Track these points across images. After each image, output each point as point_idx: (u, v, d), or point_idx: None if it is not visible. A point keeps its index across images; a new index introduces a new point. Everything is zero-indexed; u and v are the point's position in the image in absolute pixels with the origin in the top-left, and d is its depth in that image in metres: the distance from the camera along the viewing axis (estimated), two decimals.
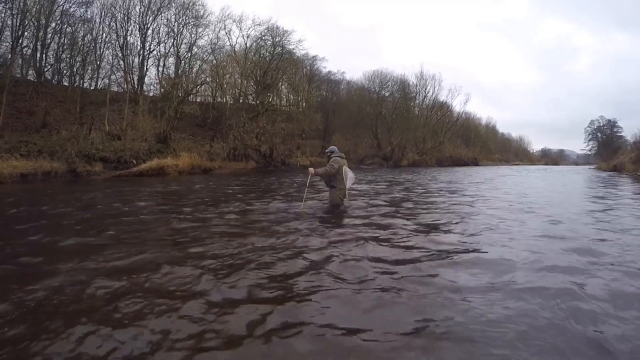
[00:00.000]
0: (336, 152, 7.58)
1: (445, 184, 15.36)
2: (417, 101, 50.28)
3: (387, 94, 46.24)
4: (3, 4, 20.40)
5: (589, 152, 67.89)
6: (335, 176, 7.34)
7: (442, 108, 52.02)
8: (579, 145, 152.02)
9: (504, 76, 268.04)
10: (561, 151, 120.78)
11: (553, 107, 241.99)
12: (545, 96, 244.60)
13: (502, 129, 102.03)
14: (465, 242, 4.82)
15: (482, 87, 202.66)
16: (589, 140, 64.00)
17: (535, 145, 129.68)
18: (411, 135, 45.32)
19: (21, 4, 20.67)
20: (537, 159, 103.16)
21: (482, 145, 71.89)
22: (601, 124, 62.15)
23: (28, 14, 21.07)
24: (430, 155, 47.50)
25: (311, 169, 7.38)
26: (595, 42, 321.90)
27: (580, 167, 53.03)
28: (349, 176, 7.39)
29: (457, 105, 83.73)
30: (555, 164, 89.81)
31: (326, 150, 7.90)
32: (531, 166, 63.46)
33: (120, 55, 24.63)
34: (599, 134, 62.19)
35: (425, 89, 49.68)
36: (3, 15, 20.61)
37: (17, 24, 20.90)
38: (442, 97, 52.31)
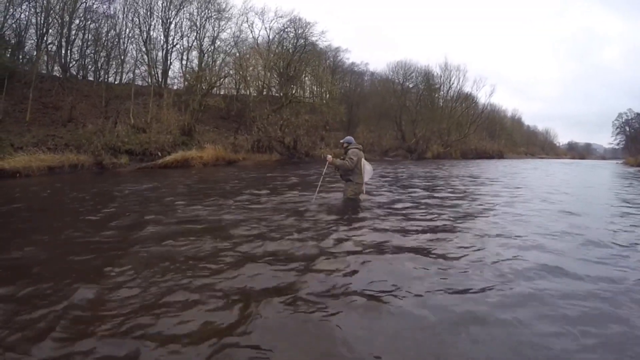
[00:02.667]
0: (353, 143, 6.92)
1: (471, 180, 14.28)
2: (442, 92, 48.59)
3: (411, 85, 44.97)
4: (27, 3, 20.67)
5: (617, 147, 64.72)
6: (352, 169, 6.69)
7: (467, 100, 50.21)
8: (607, 139, 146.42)
9: (530, 67, 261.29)
10: (588, 145, 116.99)
11: (582, 99, 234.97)
12: (574, 88, 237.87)
13: (528, 121, 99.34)
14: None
15: (507, 78, 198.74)
16: (617, 134, 60.87)
17: (562, 139, 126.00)
18: (436, 127, 43.92)
19: (45, 2, 20.85)
20: (564, 153, 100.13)
21: (507, 137, 69.91)
22: (629, 117, 58.75)
23: (52, 11, 21.28)
24: (455, 148, 45.94)
25: (329, 157, 6.80)
26: (627, 29, 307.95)
27: (607, 162, 51.09)
28: (367, 169, 6.79)
29: (482, 97, 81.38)
30: (582, 158, 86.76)
31: (341, 141, 7.16)
32: (557, 160, 61.30)
33: (144, 49, 24.50)
34: (627, 128, 59.05)
35: (450, 80, 47.89)
36: (27, 13, 20.93)
37: (42, 22, 21.20)
38: (467, 89, 50.54)
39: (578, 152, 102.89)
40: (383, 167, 20.79)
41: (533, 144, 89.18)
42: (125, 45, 24.23)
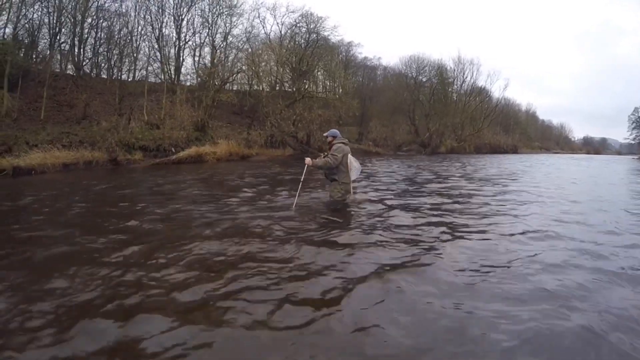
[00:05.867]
0: (339, 137, 6.13)
1: (482, 180, 12.28)
2: (455, 87, 47.89)
3: (424, 80, 44.23)
4: (40, 3, 20.69)
5: (633, 142, 63.23)
6: (338, 167, 5.94)
7: (481, 94, 49.64)
8: (622, 133, 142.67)
9: (545, 61, 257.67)
10: (604, 140, 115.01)
11: (598, 93, 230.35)
12: (590, 82, 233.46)
13: (542, 115, 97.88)
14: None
15: (522, 72, 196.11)
16: (633, 128, 59.44)
17: (577, 133, 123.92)
18: (449, 121, 43.28)
19: (57, 2, 20.90)
20: (579, 148, 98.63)
21: (521, 132, 69.15)
22: None
23: (64, 11, 21.35)
24: (469, 142, 45.50)
25: (308, 159, 6.00)
26: None
27: (623, 157, 49.66)
28: (354, 167, 6.05)
29: (496, 91, 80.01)
30: (597, 153, 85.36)
31: (325, 134, 6.38)
32: (571, 155, 60.02)
33: (156, 46, 24.44)
34: None
35: (464, 74, 47.18)
36: (40, 13, 20.99)
37: (54, 22, 21.31)
38: (481, 83, 50.09)
39: (593, 147, 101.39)
40: (402, 164, 20.31)
41: (548, 139, 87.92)
42: (137, 42, 24.11)
